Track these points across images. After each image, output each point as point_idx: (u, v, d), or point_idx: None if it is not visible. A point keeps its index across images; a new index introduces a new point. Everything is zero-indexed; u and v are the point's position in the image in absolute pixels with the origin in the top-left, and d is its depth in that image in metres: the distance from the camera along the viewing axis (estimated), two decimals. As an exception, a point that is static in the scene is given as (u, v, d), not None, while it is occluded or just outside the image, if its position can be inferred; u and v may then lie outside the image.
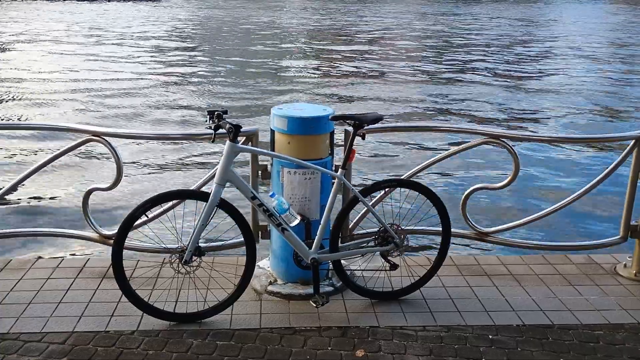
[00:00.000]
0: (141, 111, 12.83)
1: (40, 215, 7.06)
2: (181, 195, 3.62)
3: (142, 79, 16.63)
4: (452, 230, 3.85)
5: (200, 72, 18.01)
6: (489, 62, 20.97)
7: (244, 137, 3.82)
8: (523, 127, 11.87)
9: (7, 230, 4.59)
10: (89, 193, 4.09)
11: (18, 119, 12.23)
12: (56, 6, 42.04)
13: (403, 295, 3.74)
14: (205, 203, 3.27)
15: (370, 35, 28.57)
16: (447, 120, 12.47)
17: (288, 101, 13.94)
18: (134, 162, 8.87)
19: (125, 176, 4.10)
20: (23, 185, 4.22)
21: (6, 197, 4.16)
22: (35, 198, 7.50)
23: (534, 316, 3.57)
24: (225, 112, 3.32)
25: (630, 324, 3.52)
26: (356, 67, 19.59)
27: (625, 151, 4.09)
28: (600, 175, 4.21)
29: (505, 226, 4.37)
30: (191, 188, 3.90)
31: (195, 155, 9.49)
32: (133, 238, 3.80)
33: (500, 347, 3.26)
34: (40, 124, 4.44)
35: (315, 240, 3.49)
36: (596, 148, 9.88)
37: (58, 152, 4.06)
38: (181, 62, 19.79)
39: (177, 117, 12.45)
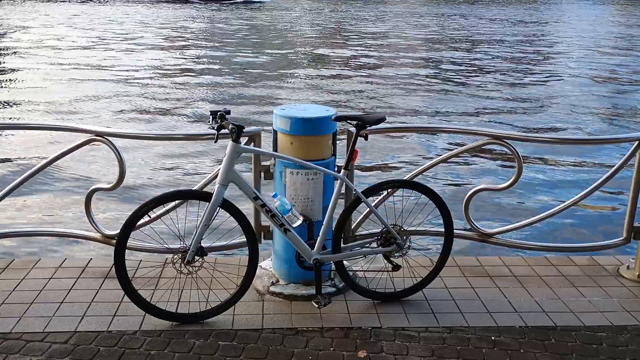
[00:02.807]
0: (144, 111, 12.84)
1: (42, 215, 7.07)
2: (184, 195, 3.62)
3: (145, 79, 16.64)
4: (455, 231, 3.84)
5: (203, 73, 18.02)
6: (492, 63, 20.95)
7: (247, 138, 3.83)
8: (526, 128, 11.86)
9: (10, 230, 4.60)
10: (91, 193, 4.10)
11: (20, 118, 12.26)
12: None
13: (405, 296, 3.74)
14: (207, 203, 3.27)
15: (373, 37, 28.58)
16: (450, 121, 12.46)
17: (291, 102, 13.94)
18: (136, 163, 8.89)
19: (127, 176, 4.11)
20: (25, 185, 4.21)
21: (9, 196, 4.15)
22: (37, 198, 7.51)
23: (536, 318, 3.56)
24: (228, 113, 3.32)
25: (634, 325, 3.51)
26: (359, 68, 19.59)
27: (629, 152, 4.09)
28: (604, 177, 4.20)
29: (508, 227, 4.37)
30: (194, 188, 3.91)
31: (198, 156, 9.49)
32: (135, 238, 3.80)
33: (503, 349, 3.25)
34: (43, 123, 4.45)
35: (317, 241, 3.49)
36: (599, 149, 9.86)
37: (61, 152, 4.06)
38: (184, 64, 19.80)
39: (180, 117, 12.46)
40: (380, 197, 4.05)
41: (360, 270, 3.91)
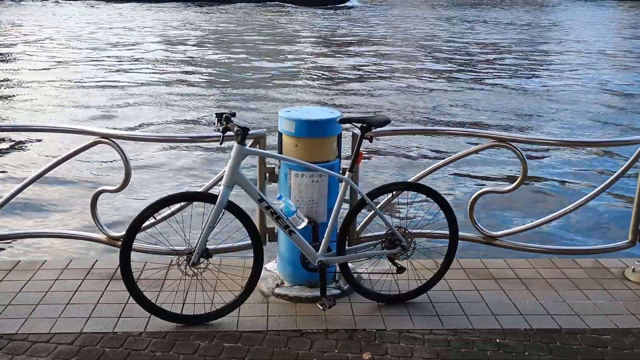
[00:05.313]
0: (149, 113, 12.87)
1: (48, 217, 7.10)
2: (189, 197, 3.64)
3: (149, 81, 16.69)
4: (460, 233, 3.85)
5: (208, 75, 18.05)
6: (496, 65, 20.93)
7: (252, 140, 3.83)
8: (531, 131, 11.84)
9: (16, 232, 4.63)
10: (97, 195, 4.11)
11: (26, 121, 12.31)
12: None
13: (410, 299, 3.74)
14: (212, 205, 3.28)
15: (377, 39, 28.59)
16: (455, 124, 12.44)
17: (296, 104, 13.96)
18: (142, 165, 8.91)
19: (133, 178, 4.12)
20: (32, 187, 4.23)
21: (15, 198, 4.17)
22: (43, 200, 7.54)
23: (541, 320, 3.56)
24: (234, 115, 3.33)
25: (639, 329, 3.50)
26: (363, 70, 19.60)
27: (634, 155, 4.08)
28: (609, 179, 4.20)
29: (512, 230, 4.37)
30: (199, 190, 3.92)
31: (203, 158, 9.51)
32: (141, 240, 3.81)
33: (508, 351, 3.25)
34: (49, 126, 4.45)
35: (322, 243, 3.50)
36: (604, 152, 9.84)
37: (67, 154, 4.08)
38: (189, 66, 19.84)
39: (185, 119, 12.49)
40: (385, 200, 4.05)
41: (364, 273, 3.91)
